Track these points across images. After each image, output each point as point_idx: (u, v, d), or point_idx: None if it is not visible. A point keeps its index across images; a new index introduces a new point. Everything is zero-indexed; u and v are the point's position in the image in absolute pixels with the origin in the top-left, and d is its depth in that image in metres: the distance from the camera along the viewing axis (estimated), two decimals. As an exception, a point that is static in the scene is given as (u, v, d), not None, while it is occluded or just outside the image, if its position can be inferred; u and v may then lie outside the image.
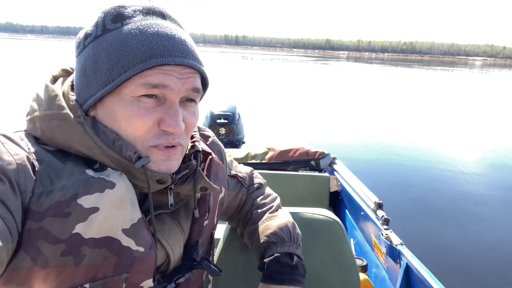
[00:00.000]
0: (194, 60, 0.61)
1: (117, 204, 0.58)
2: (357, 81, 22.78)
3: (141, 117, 0.58)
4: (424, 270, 1.48)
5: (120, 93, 0.58)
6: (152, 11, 0.61)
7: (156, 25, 0.59)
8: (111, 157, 0.59)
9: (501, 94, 18.80)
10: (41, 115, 0.59)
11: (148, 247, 0.62)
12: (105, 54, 0.58)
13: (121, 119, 0.59)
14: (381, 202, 2.02)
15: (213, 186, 0.70)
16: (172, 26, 0.61)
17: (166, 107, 0.60)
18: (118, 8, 0.60)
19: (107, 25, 0.59)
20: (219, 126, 4.39)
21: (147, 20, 0.59)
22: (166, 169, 0.62)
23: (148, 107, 0.59)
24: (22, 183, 0.52)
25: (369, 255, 2.07)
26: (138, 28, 0.58)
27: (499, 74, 43.94)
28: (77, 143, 0.58)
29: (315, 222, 1.06)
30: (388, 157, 6.21)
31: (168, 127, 0.59)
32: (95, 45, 0.59)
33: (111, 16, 0.60)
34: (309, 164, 2.76)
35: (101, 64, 0.58)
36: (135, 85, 0.57)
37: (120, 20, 0.59)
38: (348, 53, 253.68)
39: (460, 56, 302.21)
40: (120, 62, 0.57)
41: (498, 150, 7.08)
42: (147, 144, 0.60)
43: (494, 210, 4.26)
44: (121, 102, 0.58)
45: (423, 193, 4.71)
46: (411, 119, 10.12)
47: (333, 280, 1.05)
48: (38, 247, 0.53)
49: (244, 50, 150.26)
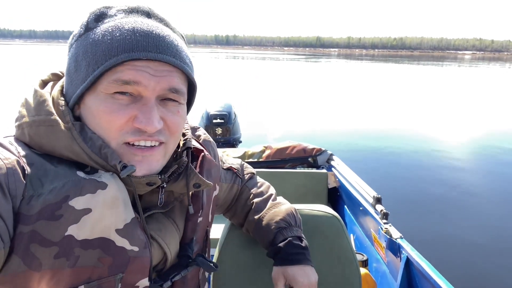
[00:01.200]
0: (173, 57, 0.59)
1: (109, 204, 0.57)
2: (349, 78, 22.85)
3: (113, 113, 0.58)
4: (424, 263, 1.49)
5: (96, 90, 0.58)
6: (136, 10, 0.61)
7: (135, 22, 0.59)
8: (99, 164, 0.59)
9: (495, 86, 19.00)
10: (29, 121, 0.59)
11: (143, 247, 0.61)
12: (83, 52, 0.59)
13: (96, 115, 0.58)
14: (380, 197, 2.03)
15: (206, 182, 0.70)
16: (153, 24, 0.60)
17: (140, 105, 0.59)
18: (102, 9, 0.61)
19: (90, 24, 0.60)
20: (215, 126, 4.37)
21: (127, 18, 0.60)
22: (148, 171, 0.61)
23: (122, 104, 0.58)
24: (12, 188, 0.52)
25: (369, 250, 2.07)
26: (116, 26, 0.58)
27: (488, 68, 44.39)
28: (65, 149, 0.58)
29: (315, 219, 1.06)
30: (385, 151, 6.25)
31: (140, 124, 0.58)
32: (78, 44, 0.60)
33: (94, 16, 0.61)
34: (306, 161, 2.76)
35: (80, 62, 0.59)
36: (107, 81, 0.57)
37: (102, 19, 0.60)
38: (339, 50, 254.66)
39: (449, 51, 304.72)
40: (95, 58, 0.57)
41: (497, 142, 7.11)
42: (121, 141, 0.59)
43: (493, 202, 4.29)
44: (96, 99, 0.58)
45: (422, 186, 4.74)
46: (406, 113, 10.19)
47: (334, 275, 1.05)
48: (31, 250, 0.53)
49: (235, 50, 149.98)
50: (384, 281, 1.85)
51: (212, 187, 0.81)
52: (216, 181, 0.83)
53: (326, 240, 1.06)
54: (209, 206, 0.80)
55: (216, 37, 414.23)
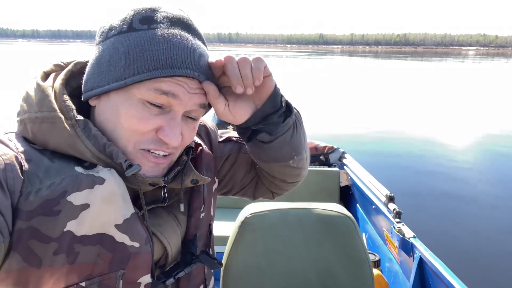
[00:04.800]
0: (206, 77, 0.62)
1: (108, 199, 0.57)
2: (356, 75, 22.77)
3: (143, 119, 0.59)
4: (438, 263, 1.47)
5: (128, 92, 0.58)
6: (179, 21, 0.61)
7: (180, 36, 0.60)
8: (103, 161, 0.59)
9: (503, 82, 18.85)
10: (31, 117, 0.58)
11: (143, 242, 0.61)
12: (124, 51, 0.58)
13: (122, 116, 0.59)
14: (393, 195, 2.01)
15: (203, 178, 0.70)
16: (194, 41, 0.62)
17: (169, 118, 0.60)
18: (149, 11, 0.60)
19: (134, 24, 0.59)
20: (227, 124, 4.36)
21: (172, 29, 0.60)
22: (153, 175, 0.63)
23: (151, 113, 0.59)
24: (11, 183, 0.52)
25: (382, 249, 2.06)
26: (163, 36, 0.58)
27: (492, 63, 44.01)
28: (68, 147, 0.58)
29: (327, 218, 1.06)
30: (397, 149, 6.19)
31: (166, 137, 0.60)
32: (118, 39, 0.59)
33: (140, 16, 0.60)
34: (318, 159, 2.76)
35: (118, 59, 0.58)
36: (147, 88, 0.58)
37: (148, 22, 0.59)
38: (342, 47, 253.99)
39: (453, 47, 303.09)
40: (137, 63, 0.57)
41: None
42: (139, 146, 0.60)
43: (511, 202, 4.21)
44: (127, 101, 0.59)
45: (436, 184, 4.68)
46: (418, 110, 10.06)
47: (346, 276, 1.05)
48: (30, 247, 0.52)
49: (238, 48, 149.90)
50: (397, 281, 1.84)
51: (212, 181, 0.80)
52: (215, 174, 0.83)
53: (339, 240, 1.06)
54: (210, 200, 0.80)
55: (219, 35, 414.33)
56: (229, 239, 1.08)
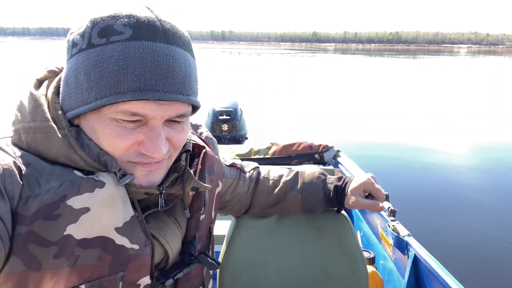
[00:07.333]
0: (181, 93, 0.56)
1: (108, 203, 0.57)
2: (351, 73, 22.80)
3: (119, 137, 0.56)
4: (432, 261, 1.48)
5: (99, 112, 0.56)
6: (145, 26, 0.54)
7: (144, 48, 0.53)
8: (98, 170, 0.58)
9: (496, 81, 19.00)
10: (25, 127, 0.58)
11: (143, 245, 0.61)
12: (85, 72, 0.55)
13: (100, 135, 0.57)
14: (387, 194, 2.01)
15: (204, 185, 0.69)
16: (163, 50, 0.54)
17: (147, 130, 0.57)
18: (108, 20, 0.55)
19: (93, 39, 0.55)
20: (221, 123, 4.38)
21: (134, 41, 0.53)
22: (149, 184, 0.61)
23: (128, 128, 0.56)
24: (9, 188, 0.52)
25: (376, 247, 2.07)
26: (123, 52, 0.53)
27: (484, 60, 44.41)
28: (62, 157, 0.57)
29: (321, 216, 1.07)
30: (392, 148, 6.21)
31: (147, 151, 0.57)
32: (79, 58, 0.55)
33: (98, 28, 0.54)
34: (313, 158, 2.76)
35: (81, 81, 0.55)
36: (114, 109, 0.55)
37: (107, 35, 0.54)
38: (335, 45, 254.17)
39: (445, 45, 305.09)
40: (98, 86, 0.54)
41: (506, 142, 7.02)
42: (126, 160, 0.59)
43: (502, 201, 4.25)
44: (100, 120, 0.56)
45: (430, 182, 4.69)
46: (413, 109, 10.10)
47: (341, 273, 1.06)
48: (30, 251, 0.53)
49: (231, 46, 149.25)
50: (391, 278, 1.85)
51: (215, 184, 0.80)
52: (219, 177, 0.83)
53: (333, 238, 1.06)
54: (212, 203, 0.80)
55: (212, 33, 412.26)
56: (225, 237, 1.08)
